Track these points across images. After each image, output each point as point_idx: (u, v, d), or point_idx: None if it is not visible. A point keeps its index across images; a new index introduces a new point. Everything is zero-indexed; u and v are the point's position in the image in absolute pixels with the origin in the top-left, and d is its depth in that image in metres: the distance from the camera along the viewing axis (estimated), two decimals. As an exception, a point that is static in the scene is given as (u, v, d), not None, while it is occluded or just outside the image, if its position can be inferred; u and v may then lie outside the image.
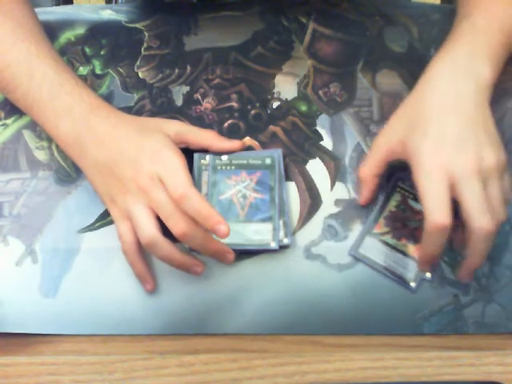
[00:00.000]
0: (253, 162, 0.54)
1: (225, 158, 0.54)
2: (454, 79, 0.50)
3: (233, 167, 0.54)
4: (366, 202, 0.54)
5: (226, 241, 0.50)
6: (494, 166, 0.47)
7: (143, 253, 0.50)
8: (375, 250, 0.52)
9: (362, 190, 0.53)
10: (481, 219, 0.46)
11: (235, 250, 0.50)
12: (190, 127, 0.54)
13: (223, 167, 0.54)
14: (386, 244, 0.52)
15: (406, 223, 0.53)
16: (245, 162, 0.54)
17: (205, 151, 0.55)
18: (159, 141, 0.50)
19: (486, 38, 0.52)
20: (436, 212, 0.46)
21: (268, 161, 0.54)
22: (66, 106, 0.51)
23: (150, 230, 0.48)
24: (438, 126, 0.48)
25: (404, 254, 0.52)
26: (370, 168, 0.52)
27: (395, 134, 0.51)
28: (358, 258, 0.52)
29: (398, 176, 0.55)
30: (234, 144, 0.54)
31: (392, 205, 0.54)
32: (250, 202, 0.53)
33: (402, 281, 0.51)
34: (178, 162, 0.49)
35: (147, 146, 0.50)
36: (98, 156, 0.50)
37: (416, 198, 0.53)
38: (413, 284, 0.51)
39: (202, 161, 0.55)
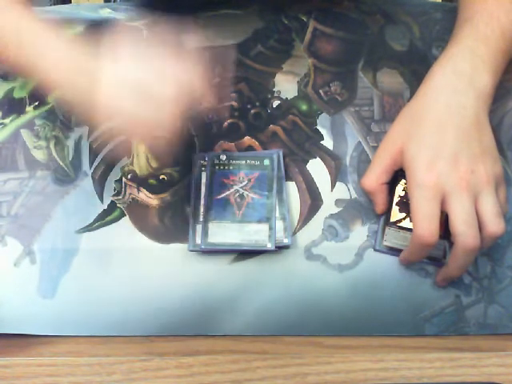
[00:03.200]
0: (251, 162, 0.54)
1: (223, 157, 0.54)
2: (455, 91, 0.51)
3: (231, 167, 0.54)
4: (383, 211, 0.53)
5: (222, 241, 0.50)
6: (485, 180, 0.48)
7: None
8: (399, 238, 0.52)
9: (375, 199, 0.53)
10: (464, 234, 0.47)
11: (232, 251, 0.50)
12: None
13: (221, 167, 0.54)
14: (407, 230, 0.52)
15: None
16: (243, 162, 0.54)
17: (205, 150, 0.55)
18: None
19: (487, 45, 0.52)
20: (423, 229, 0.47)
21: (266, 162, 0.54)
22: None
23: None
24: (434, 139, 0.49)
25: None
26: (374, 179, 0.52)
27: (395, 143, 0.51)
28: (384, 252, 0.52)
29: None
30: None
31: (399, 190, 0.53)
32: (247, 202, 0.52)
33: (433, 261, 0.51)
34: None
35: None
36: None
37: None
38: (445, 261, 0.51)
39: (201, 161, 0.54)
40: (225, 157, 0.54)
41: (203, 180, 0.54)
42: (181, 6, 0.63)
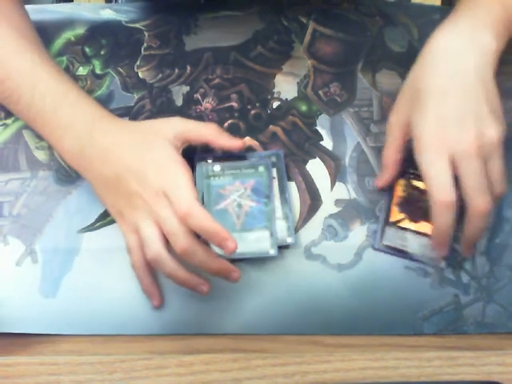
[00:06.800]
0: (246, 170, 0.54)
1: (217, 168, 0.54)
2: (457, 51, 0.49)
3: (226, 177, 0.54)
4: (383, 186, 0.53)
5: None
6: (495, 141, 0.47)
7: (151, 268, 0.50)
8: (398, 238, 0.52)
9: (384, 173, 0.53)
10: (478, 198, 0.47)
11: (234, 260, 0.50)
12: (188, 125, 0.53)
13: (216, 178, 0.54)
14: (407, 230, 0.52)
15: (419, 204, 0.53)
16: (237, 171, 0.54)
17: (206, 151, 0.55)
18: (162, 151, 0.49)
19: (487, 11, 0.51)
20: (439, 190, 0.46)
21: (261, 168, 0.54)
22: (68, 119, 0.50)
23: (155, 246, 0.47)
24: (439, 104, 0.48)
25: (426, 235, 0.52)
26: (394, 151, 0.52)
27: (403, 113, 0.51)
28: (383, 251, 0.52)
29: None
30: (234, 143, 0.53)
31: (399, 190, 0.54)
32: (245, 210, 0.52)
33: (430, 263, 0.51)
34: (182, 177, 0.48)
35: (151, 159, 0.49)
36: (103, 170, 0.49)
37: (419, 178, 0.53)
38: (443, 264, 0.51)
39: (203, 163, 0.54)
40: (219, 167, 0.54)
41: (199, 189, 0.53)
42: (182, 7, 0.64)
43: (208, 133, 0.53)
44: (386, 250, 0.53)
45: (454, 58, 0.49)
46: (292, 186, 0.55)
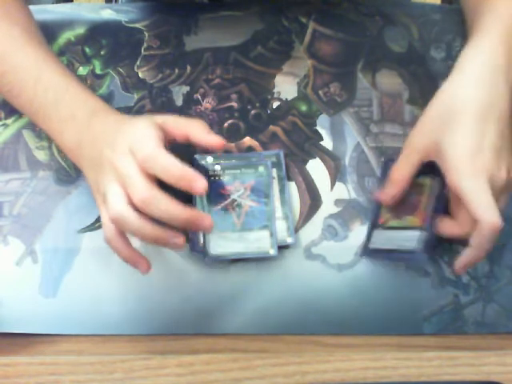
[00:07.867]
0: (245, 170, 0.54)
1: (218, 168, 0.54)
2: (487, 79, 0.49)
3: (226, 177, 0.54)
4: (388, 201, 0.52)
5: (224, 251, 0.50)
6: None
7: (127, 238, 0.47)
8: (383, 239, 0.52)
9: (391, 189, 0.52)
10: (497, 227, 0.46)
11: (234, 260, 0.50)
12: (171, 117, 0.51)
13: (216, 177, 0.54)
14: (392, 228, 0.52)
15: (402, 200, 0.52)
16: (238, 171, 0.54)
17: (206, 151, 0.55)
18: (139, 122, 0.48)
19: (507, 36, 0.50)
20: (491, 214, 0.45)
21: (261, 169, 0.54)
22: (69, 111, 0.50)
23: (116, 204, 0.44)
24: (475, 130, 0.47)
25: (408, 228, 0.51)
26: (405, 170, 0.51)
27: (429, 136, 0.50)
28: (370, 256, 0.52)
29: (387, 160, 0.54)
30: (213, 140, 0.48)
31: None
32: (245, 210, 0.52)
33: (413, 253, 0.50)
34: (147, 131, 0.46)
35: (126, 128, 0.48)
36: (92, 152, 0.48)
37: None
38: (418, 249, 0.50)
39: (203, 162, 0.55)
40: (219, 167, 0.54)
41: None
42: (182, 7, 0.64)
43: (189, 125, 0.49)
44: (373, 254, 0.52)
45: (485, 88, 0.49)
46: (292, 186, 0.55)
